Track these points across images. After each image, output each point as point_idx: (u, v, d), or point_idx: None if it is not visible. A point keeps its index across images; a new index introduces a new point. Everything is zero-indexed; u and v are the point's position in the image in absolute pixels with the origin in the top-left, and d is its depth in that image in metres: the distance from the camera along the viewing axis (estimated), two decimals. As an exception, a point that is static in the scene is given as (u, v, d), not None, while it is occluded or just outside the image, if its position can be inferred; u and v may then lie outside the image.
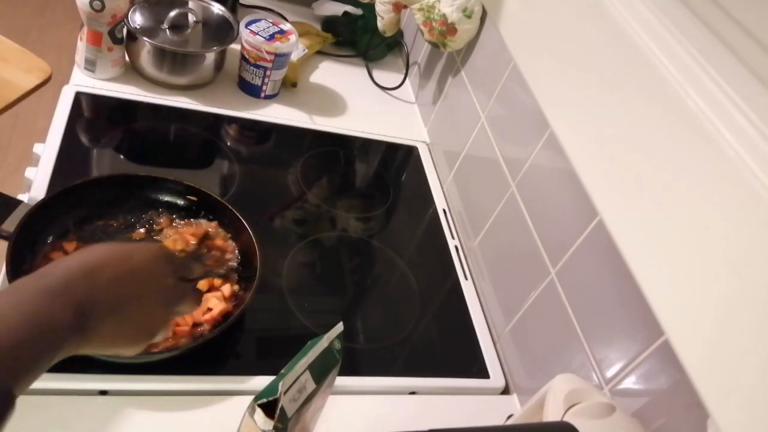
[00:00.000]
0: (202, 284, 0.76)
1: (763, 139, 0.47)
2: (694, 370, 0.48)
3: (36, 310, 0.42)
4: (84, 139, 0.93)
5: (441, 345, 0.86)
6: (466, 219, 1.01)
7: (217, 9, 1.11)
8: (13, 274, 0.66)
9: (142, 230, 0.80)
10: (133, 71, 1.06)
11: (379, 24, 1.15)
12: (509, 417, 0.72)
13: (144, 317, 0.52)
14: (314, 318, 0.82)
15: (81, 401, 0.65)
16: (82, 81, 1.01)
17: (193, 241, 0.80)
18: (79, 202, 0.77)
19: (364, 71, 1.31)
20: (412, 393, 0.79)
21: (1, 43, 1.29)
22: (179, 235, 0.80)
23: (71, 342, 0.44)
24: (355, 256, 0.94)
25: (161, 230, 0.81)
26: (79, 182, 0.78)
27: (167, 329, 0.55)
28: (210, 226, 0.83)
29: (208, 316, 0.73)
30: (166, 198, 0.84)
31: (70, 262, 0.47)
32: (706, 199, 0.50)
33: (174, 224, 0.82)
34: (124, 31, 1.01)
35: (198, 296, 0.62)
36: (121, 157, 0.93)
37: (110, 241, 0.61)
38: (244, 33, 1.06)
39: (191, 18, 1.05)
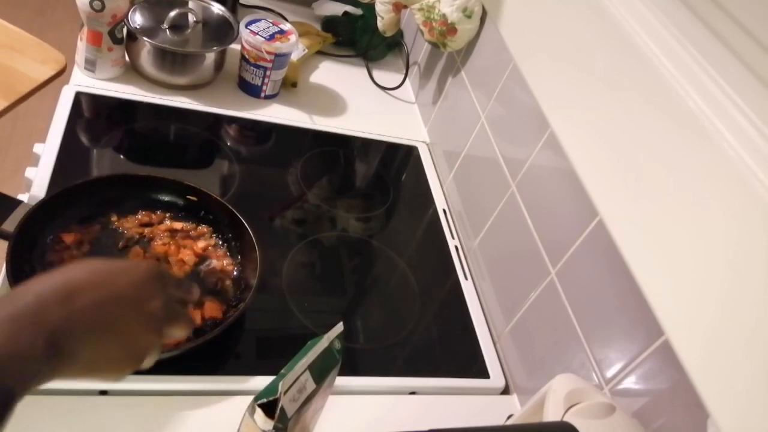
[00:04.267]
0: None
1: (763, 139, 0.47)
2: (694, 370, 0.48)
3: (3, 339, 0.39)
4: (84, 139, 0.93)
5: (441, 345, 0.86)
6: (466, 219, 1.01)
7: (217, 9, 1.11)
8: (13, 274, 0.66)
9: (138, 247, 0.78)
10: (133, 71, 1.06)
11: (379, 24, 1.15)
12: (509, 417, 0.72)
13: (128, 343, 0.48)
14: (314, 318, 0.82)
15: (81, 401, 0.65)
16: (82, 81, 1.01)
17: (191, 259, 0.79)
18: (80, 201, 0.77)
19: (364, 71, 1.31)
20: (412, 393, 0.79)
21: (15, 34, 1.27)
22: (178, 250, 0.80)
23: (44, 372, 0.41)
24: (355, 256, 0.94)
25: (152, 238, 0.79)
26: (79, 182, 0.78)
27: (155, 354, 0.52)
28: (210, 243, 0.81)
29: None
30: (166, 198, 0.84)
31: (44, 284, 0.44)
32: (706, 199, 0.50)
33: (175, 236, 0.81)
34: (124, 31, 1.01)
35: (191, 318, 0.58)
36: (121, 157, 0.93)
37: (94, 259, 0.56)
38: (244, 33, 1.06)
39: (191, 18, 1.05)
